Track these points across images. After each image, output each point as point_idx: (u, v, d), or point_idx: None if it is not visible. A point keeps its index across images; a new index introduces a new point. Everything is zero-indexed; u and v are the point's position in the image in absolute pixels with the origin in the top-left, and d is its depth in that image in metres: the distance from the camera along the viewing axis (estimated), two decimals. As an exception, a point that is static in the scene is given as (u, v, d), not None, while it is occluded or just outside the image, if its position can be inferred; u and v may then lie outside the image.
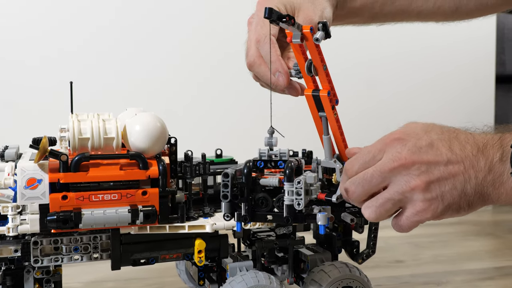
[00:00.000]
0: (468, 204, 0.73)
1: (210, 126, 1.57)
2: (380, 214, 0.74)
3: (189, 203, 0.84)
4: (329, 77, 0.81)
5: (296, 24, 0.77)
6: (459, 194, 0.72)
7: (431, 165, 0.73)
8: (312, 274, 0.85)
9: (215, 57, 1.58)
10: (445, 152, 0.74)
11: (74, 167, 0.75)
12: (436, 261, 1.26)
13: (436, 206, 0.72)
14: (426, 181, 0.72)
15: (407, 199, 0.72)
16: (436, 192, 0.72)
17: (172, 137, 0.86)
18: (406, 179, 0.72)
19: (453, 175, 0.72)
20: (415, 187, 0.72)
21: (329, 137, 0.85)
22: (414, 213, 0.72)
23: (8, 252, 0.78)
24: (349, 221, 0.87)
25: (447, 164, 0.73)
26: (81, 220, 0.74)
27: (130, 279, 1.12)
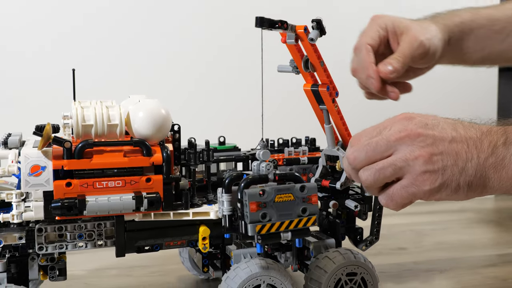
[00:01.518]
0: (468, 185, 0.73)
1: (214, 113, 1.56)
2: (377, 178, 0.74)
3: (193, 190, 0.84)
4: (327, 71, 0.81)
5: (290, 26, 0.77)
6: (459, 171, 0.72)
7: (436, 140, 0.73)
8: (317, 261, 0.85)
9: (218, 43, 1.57)
10: (450, 131, 0.75)
11: (78, 154, 0.75)
12: (439, 249, 1.26)
13: (435, 178, 0.72)
14: (430, 153, 0.72)
15: (409, 167, 0.72)
16: (438, 165, 0.72)
17: (175, 124, 0.85)
18: (411, 149, 0.73)
19: (456, 152, 0.73)
20: (419, 156, 0.72)
21: (331, 125, 0.85)
22: (411, 183, 0.72)
23: (12, 239, 0.78)
24: (353, 208, 0.87)
25: (451, 141, 0.74)
26: (85, 207, 0.74)
27: (133, 266, 1.12)
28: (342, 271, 0.83)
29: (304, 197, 0.75)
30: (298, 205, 0.74)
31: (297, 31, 0.77)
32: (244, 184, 0.73)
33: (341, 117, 0.85)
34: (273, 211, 0.72)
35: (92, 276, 1.09)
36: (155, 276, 1.08)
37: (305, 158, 0.93)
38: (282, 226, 0.73)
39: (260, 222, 0.71)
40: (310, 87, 0.83)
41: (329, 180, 0.89)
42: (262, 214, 0.72)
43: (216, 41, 1.58)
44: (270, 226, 0.72)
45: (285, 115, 0.88)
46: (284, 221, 0.73)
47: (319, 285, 0.83)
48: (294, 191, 0.74)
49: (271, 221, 0.72)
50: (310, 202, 0.75)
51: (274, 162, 0.78)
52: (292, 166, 0.92)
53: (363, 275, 0.84)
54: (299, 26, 0.77)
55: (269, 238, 0.73)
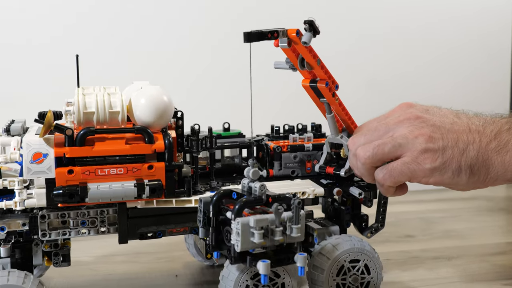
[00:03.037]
0: (470, 168, 0.72)
1: (218, 99, 1.55)
2: (376, 153, 0.74)
3: (196, 177, 0.84)
4: (325, 68, 0.81)
5: (281, 32, 0.76)
6: (460, 152, 0.72)
7: (436, 123, 0.74)
8: (320, 248, 0.85)
9: (223, 29, 1.56)
10: (452, 117, 0.75)
11: (80, 141, 0.75)
12: (448, 236, 1.24)
13: (435, 157, 0.72)
14: (430, 133, 0.73)
15: (408, 144, 0.72)
16: (438, 144, 0.72)
17: (178, 110, 0.85)
18: (410, 129, 0.74)
19: (457, 135, 0.73)
20: (419, 135, 0.72)
21: (332, 115, 0.84)
22: (412, 159, 0.72)
23: (16, 226, 0.78)
24: (357, 195, 0.87)
25: (452, 124, 0.74)
26: (87, 194, 0.74)
27: (139, 253, 1.13)
28: (345, 258, 0.83)
29: None
30: None
31: (289, 35, 0.77)
32: (237, 210, 0.70)
33: (343, 108, 0.84)
34: None
35: (98, 262, 1.09)
36: (161, 262, 1.08)
37: (309, 145, 0.92)
38: None
39: None
40: (308, 83, 0.82)
41: (334, 167, 0.89)
42: None
43: (222, 27, 1.57)
44: None
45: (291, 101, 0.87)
46: None
47: (321, 272, 0.82)
48: None
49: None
50: None
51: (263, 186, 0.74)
52: (296, 152, 0.92)
53: (366, 262, 0.84)
54: (291, 29, 0.76)
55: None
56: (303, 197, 0.84)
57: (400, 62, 1.73)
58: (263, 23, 1.58)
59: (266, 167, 0.93)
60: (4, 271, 0.73)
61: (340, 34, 1.63)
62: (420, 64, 1.75)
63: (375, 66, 1.70)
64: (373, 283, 0.85)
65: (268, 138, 0.97)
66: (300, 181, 0.90)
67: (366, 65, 1.69)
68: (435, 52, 1.76)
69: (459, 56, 1.79)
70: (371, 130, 0.77)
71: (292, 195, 0.83)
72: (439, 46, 1.76)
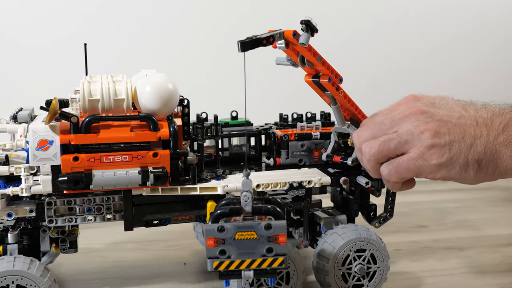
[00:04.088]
0: (478, 162, 0.70)
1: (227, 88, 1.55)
2: (381, 150, 0.72)
3: (201, 165, 0.84)
4: (326, 63, 0.80)
5: (277, 35, 0.75)
6: (467, 147, 0.70)
7: (443, 117, 0.72)
8: (326, 237, 0.84)
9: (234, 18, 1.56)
10: (459, 110, 0.73)
11: (85, 129, 0.75)
12: (461, 227, 1.23)
13: (442, 153, 0.70)
14: (436, 128, 0.71)
15: (414, 140, 0.71)
16: (445, 139, 0.70)
17: (184, 98, 0.85)
18: (416, 124, 0.72)
19: (464, 129, 0.71)
20: (425, 130, 0.71)
21: (338, 105, 0.83)
22: (419, 155, 0.71)
23: (23, 212, 0.79)
24: (364, 184, 0.86)
25: (459, 118, 0.72)
26: (91, 181, 0.75)
27: (150, 240, 1.14)
28: (350, 247, 0.82)
29: (269, 236, 0.67)
30: (263, 244, 0.67)
31: (286, 37, 0.76)
32: (213, 218, 0.69)
33: (349, 99, 0.83)
34: (232, 249, 0.67)
35: (109, 249, 1.10)
36: (171, 250, 1.09)
37: (317, 133, 0.92)
38: (243, 264, 0.67)
39: (218, 259, 0.67)
40: (311, 78, 0.82)
41: (341, 156, 0.88)
42: (220, 251, 0.67)
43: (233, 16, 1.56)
44: (229, 264, 0.67)
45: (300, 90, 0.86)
46: (245, 259, 0.67)
47: (327, 261, 0.82)
48: (257, 229, 0.67)
49: (230, 258, 0.67)
50: (276, 242, 0.67)
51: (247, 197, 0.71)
52: (303, 141, 0.91)
53: (372, 252, 0.83)
54: (287, 31, 0.75)
55: (228, 275, 0.68)
56: (309, 186, 0.84)
57: (403, 53, 1.70)
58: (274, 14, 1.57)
59: (273, 155, 0.92)
60: (10, 256, 0.74)
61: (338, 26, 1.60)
62: (423, 54, 1.71)
63: (376, 58, 1.68)
64: (380, 273, 0.84)
65: (276, 126, 0.97)
66: (307, 170, 0.89)
67: (368, 57, 1.67)
68: (438, 41, 1.71)
69: (463, 45, 1.74)
70: (376, 124, 0.76)
71: (299, 184, 0.83)
72: (443, 35, 1.71)
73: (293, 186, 0.83)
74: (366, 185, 0.86)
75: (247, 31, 0.90)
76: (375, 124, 0.76)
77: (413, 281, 0.93)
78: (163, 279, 0.95)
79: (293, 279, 0.80)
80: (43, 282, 0.73)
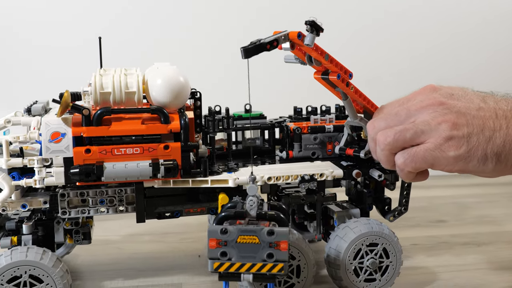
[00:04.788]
0: (497, 156, 0.69)
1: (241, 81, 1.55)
2: (397, 139, 0.71)
3: (212, 157, 0.84)
4: (334, 61, 0.79)
5: (282, 37, 0.75)
6: (486, 140, 0.69)
7: (461, 109, 0.70)
8: (338, 231, 0.83)
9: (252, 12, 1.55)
10: (478, 102, 0.71)
11: (96, 121, 0.76)
12: (481, 222, 1.21)
13: (460, 145, 0.69)
14: (454, 119, 0.69)
15: (431, 131, 0.69)
16: (463, 132, 0.69)
17: (196, 91, 0.85)
18: (433, 115, 0.70)
19: (483, 121, 0.69)
20: (442, 122, 0.69)
21: (349, 99, 0.83)
22: (436, 146, 0.69)
23: (38, 204, 0.81)
24: (377, 177, 0.85)
25: (478, 110, 0.70)
26: (103, 173, 0.75)
27: (166, 233, 1.14)
28: (362, 241, 0.81)
29: (271, 242, 0.68)
30: (264, 249, 0.68)
31: (291, 38, 0.75)
32: (218, 219, 0.70)
33: (360, 93, 0.82)
34: (234, 251, 0.68)
35: (125, 241, 1.11)
36: (186, 243, 1.10)
37: (330, 126, 0.91)
38: (243, 267, 0.68)
39: (219, 260, 0.68)
40: (320, 75, 0.81)
41: (354, 148, 0.87)
42: (222, 252, 0.67)
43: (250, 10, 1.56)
44: (229, 266, 0.68)
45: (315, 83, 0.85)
46: (246, 263, 0.68)
47: (338, 255, 0.81)
48: (260, 234, 0.68)
49: (231, 260, 0.68)
50: (278, 248, 0.68)
51: (260, 199, 0.72)
52: (317, 134, 0.90)
53: (385, 246, 0.82)
54: (292, 33, 0.75)
55: (227, 277, 0.69)
56: (321, 178, 0.83)
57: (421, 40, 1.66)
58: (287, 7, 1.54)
59: (286, 148, 0.92)
60: (23, 247, 0.75)
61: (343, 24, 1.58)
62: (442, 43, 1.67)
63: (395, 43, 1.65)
64: (392, 267, 0.83)
65: (290, 119, 0.96)
66: (320, 163, 0.88)
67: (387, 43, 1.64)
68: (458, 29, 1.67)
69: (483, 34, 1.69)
70: (391, 114, 0.74)
71: (310, 176, 0.83)
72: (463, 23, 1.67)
73: (305, 179, 0.82)
74: (379, 178, 0.85)
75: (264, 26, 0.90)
76: (390, 114, 0.74)
77: (427, 276, 0.92)
78: (177, 271, 0.96)
79: (304, 272, 0.80)
80: (55, 272, 0.74)
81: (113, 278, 0.93)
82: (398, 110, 0.74)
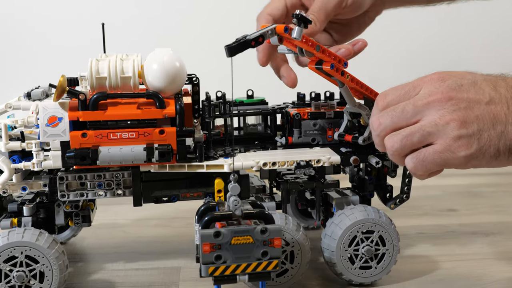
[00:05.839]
0: (509, 150, 0.66)
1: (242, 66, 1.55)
2: (404, 145, 0.68)
3: (209, 142, 0.84)
4: (327, 51, 0.77)
5: (269, 32, 0.74)
6: (498, 135, 0.66)
7: (470, 103, 0.67)
8: (334, 217, 0.83)
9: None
10: (488, 91, 0.68)
11: (92, 106, 0.77)
12: (493, 212, 1.18)
13: (471, 144, 0.65)
14: (463, 116, 0.66)
15: (439, 132, 0.66)
16: (473, 129, 0.66)
17: (193, 76, 0.85)
18: (441, 113, 0.67)
19: (494, 115, 0.66)
20: (450, 120, 0.66)
21: (345, 86, 0.81)
22: (445, 148, 0.66)
23: (38, 187, 0.82)
24: (374, 164, 0.84)
25: (488, 103, 0.67)
26: (97, 157, 0.76)
27: (174, 218, 1.16)
28: (357, 229, 0.81)
29: (265, 240, 0.68)
30: (258, 248, 0.68)
31: (279, 33, 0.74)
32: (204, 222, 0.69)
33: (357, 81, 0.81)
34: (228, 254, 0.67)
35: (132, 225, 1.13)
36: (191, 228, 1.09)
37: (331, 112, 0.90)
38: (238, 268, 0.68)
39: (213, 264, 0.67)
40: (314, 65, 0.80)
41: (353, 135, 0.86)
42: (216, 256, 0.67)
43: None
44: (225, 269, 0.67)
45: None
46: (241, 264, 0.68)
47: (333, 242, 0.81)
48: (254, 233, 0.67)
49: (226, 263, 0.67)
50: (272, 246, 0.68)
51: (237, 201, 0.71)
52: (317, 120, 0.90)
53: (381, 233, 0.81)
54: (279, 27, 0.74)
55: (223, 280, 0.68)
56: (317, 165, 0.83)
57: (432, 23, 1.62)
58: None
59: (285, 134, 0.91)
60: (20, 228, 0.77)
61: None
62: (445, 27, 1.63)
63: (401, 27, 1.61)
64: (389, 255, 0.82)
65: (292, 105, 0.96)
66: (318, 149, 0.88)
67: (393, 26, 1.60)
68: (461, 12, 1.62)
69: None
70: (398, 109, 0.70)
71: (306, 162, 0.82)
72: None
73: (300, 164, 0.82)
74: (377, 165, 0.84)
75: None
76: (396, 111, 0.70)
77: (427, 265, 0.91)
78: (178, 255, 0.97)
79: (298, 258, 0.80)
80: (50, 254, 0.76)
81: (115, 260, 0.95)
82: (404, 106, 0.69)
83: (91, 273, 0.90)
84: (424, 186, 1.34)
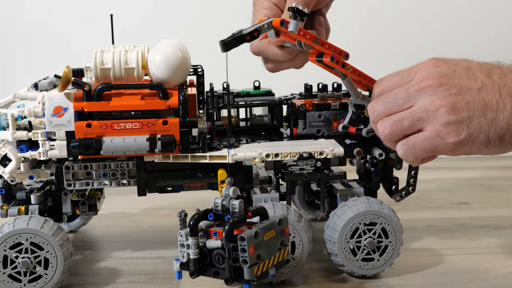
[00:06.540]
0: (500, 138, 0.66)
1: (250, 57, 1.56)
2: (394, 130, 0.69)
3: (212, 133, 0.84)
4: (326, 43, 0.77)
5: (265, 27, 0.73)
6: (488, 122, 0.65)
7: (462, 89, 0.67)
8: (337, 209, 0.83)
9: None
10: (481, 78, 0.67)
11: (97, 96, 0.78)
12: (506, 205, 1.16)
13: (460, 130, 0.65)
14: (454, 102, 0.66)
15: (429, 118, 0.66)
16: (463, 115, 0.65)
17: (198, 66, 0.86)
18: (432, 99, 0.67)
19: (486, 102, 0.66)
20: (440, 106, 0.66)
21: (348, 78, 0.81)
22: (434, 134, 0.66)
23: (45, 175, 0.84)
24: (377, 156, 0.84)
25: (480, 90, 0.66)
26: (101, 147, 0.77)
27: (185, 208, 1.16)
28: (360, 220, 0.80)
29: (281, 230, 0.72)
30: (278, 238, 0.72)
31: (275, 26, 0.74)
32: (228, 229, 0.69)
33: (359, 73, 0.80)
34: (264, 250, 0.69)
35: (143, 214, 1.15)
36: (200, 218, 1.11)
37: (336, 104, 0.90)
38: (269, 263, 0.71)
39: (256, 264, 0.68)
40: (315, 58, 0.79)
41: (357, 126, 0.86)
42: (257, 255, 0.68)
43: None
44: (262, 266, 0.69)
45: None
46: (270, 257, 0.71)
47: (335, 233, 0.81)
48: (274, 226, 0.71)
49: (263, 260, 0.69)
50: (284, 234, 0.73)
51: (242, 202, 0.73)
52: (322, 111, 0.89)
53: (384, 226, 0.81)
54: (275, 20, 0.73)
55: (261, 278, 0.70)
56: (320, 156, 0.82)
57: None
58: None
59: (290, 125, 0.91)
60: (26, 216, 0.79)
61: None
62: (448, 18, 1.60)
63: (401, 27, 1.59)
64: (391, 248, 0.82)
65: (299, 97, 0.96)
66: (323, 141, 0.88)
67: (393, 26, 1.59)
68: None
69: None
70: (391, 97, 0.71)
71: (309, 154, 0.82)
72: None
73: (303, 156, 0.81)
74: (380, 157, 0.83)
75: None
76: (389, 97, 0.71)
77: (433, 258, 0.90)
78: (185, 244, 0.97)
79: (299, 249, 0.80)
80: (54, 241, 0.77)
81: (123, 249, 0.97)
82: (396, 92, 0.70)
83: (98, 261, 0.92)
84: (437, 179, 1.34)
